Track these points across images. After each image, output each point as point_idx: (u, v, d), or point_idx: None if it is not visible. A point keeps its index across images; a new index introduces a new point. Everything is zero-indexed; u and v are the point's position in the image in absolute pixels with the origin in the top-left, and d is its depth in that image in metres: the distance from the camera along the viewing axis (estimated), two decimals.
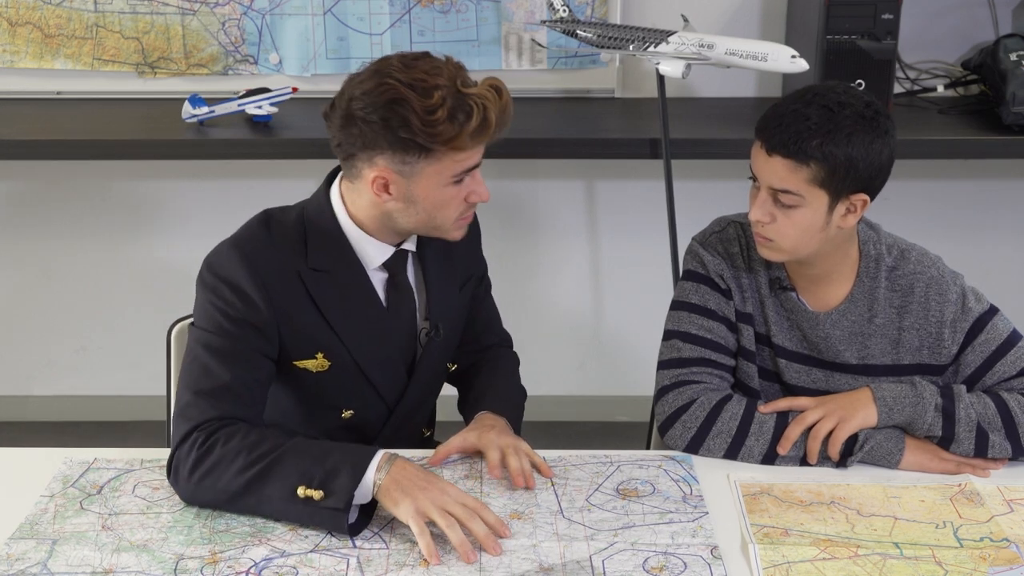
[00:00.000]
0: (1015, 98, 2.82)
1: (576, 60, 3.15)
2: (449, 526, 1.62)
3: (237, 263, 1.79)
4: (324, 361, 1.87)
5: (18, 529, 1.69)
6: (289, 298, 1.81)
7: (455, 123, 1.70)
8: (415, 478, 1.66)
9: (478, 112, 1.71)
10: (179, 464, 1.73)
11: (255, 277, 1.79)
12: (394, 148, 1.73)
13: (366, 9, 3.09)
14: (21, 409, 3.65)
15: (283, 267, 1.81)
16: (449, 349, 2.05)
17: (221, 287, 1.79)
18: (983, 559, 1.64)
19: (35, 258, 3.47)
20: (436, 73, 1.71)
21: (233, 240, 1.84)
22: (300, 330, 1.84)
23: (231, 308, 1.78)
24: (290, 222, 1.86)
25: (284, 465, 1.67)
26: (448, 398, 2.16)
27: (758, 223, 1.85)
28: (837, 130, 1.76)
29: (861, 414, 1.86)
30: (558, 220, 3.41)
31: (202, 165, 3.25)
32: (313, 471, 1.65)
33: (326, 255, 1.84)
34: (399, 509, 1.64)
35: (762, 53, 2.58)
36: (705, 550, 1.66)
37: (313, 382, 1.89)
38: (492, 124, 1.74)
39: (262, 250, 1.81)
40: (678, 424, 1.91)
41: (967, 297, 1.92)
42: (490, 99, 1.73)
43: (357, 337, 1.87)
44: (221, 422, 1.74)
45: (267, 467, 1.67)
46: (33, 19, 3.10)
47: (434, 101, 1.69)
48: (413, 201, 1.78)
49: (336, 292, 1.85)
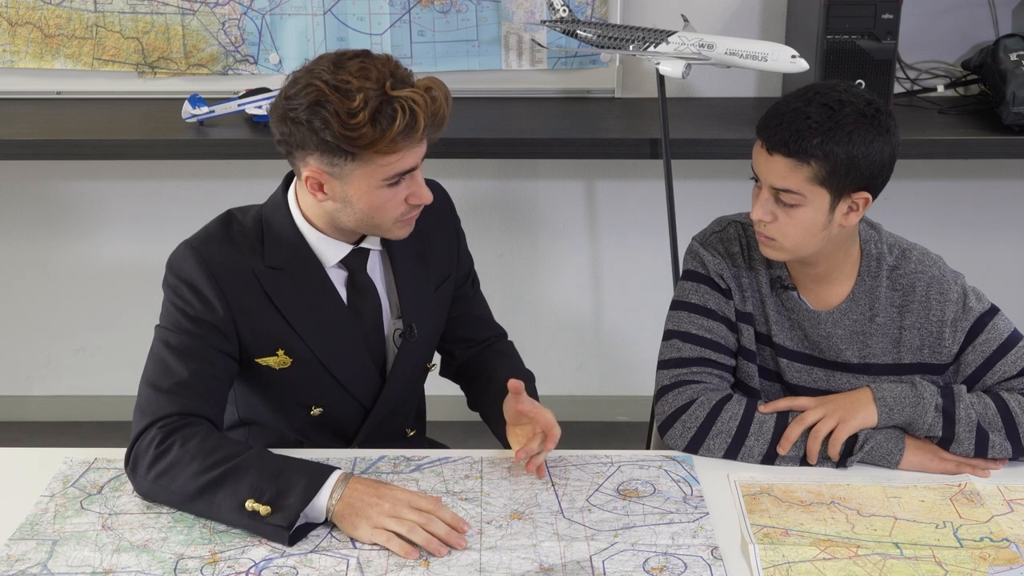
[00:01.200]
0: (1015, 98, 2.82)
1: (576, 60, 3.15)
2: (410, 531, 1.63)
3: (192, 262, 1.81)
4: (285, 358, 1.88)
5: (18, 529, 1.69)
6: (245, 296, 1.83)
7: (377, 127, 1.67)
8: (367, 496, 1.67)
9: (403, 115, 1.67)
10: (137, 459, 1.74)
11: (210, 276, 1.81)
12: (321, 150, 1.72)
13: (366, 9, 3.09)
14: (21, 409, 3.65)
15: (239, 265, 1.83)
16: (426, 349, 2.05)
17: (180, 286, 1.82)
18: (983, 559, 1.64)
19: (35, 258, 3.47)
20: (363, 74, 1.68)
21: (190, 240, 1.86)
22: (258, 327, 1.85)
23: (189, 307, 1.81)
24: (249, 221, 1.87)
25: (238, 476, 1.67)
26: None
27: (760, 222, 1.85)
28: (838, 128, 1.76)
29: (861, 414, 1.86)
30: (558, 220, 3.41)
31: (202, 165, 3.25)
32: (265, 486, 1.66)
33: (282, 253, 1.85)
34: (358, 532, 1.65)
35: (762, 53, 2.58)
36: (705, 550, 1.66)
37: (278, 379, 1.90)
38: (420, 127, 1.70)
39: (217, 249, 1.83)
40: (678, 424, 1.91)
41: (968, 297, 1.92)
42: (419, 101, 1.68)
43: (317, 333, 1.88)
44: (181, 419, 1.75)
45: (221, 475, 1.68)
46: (33, 19, 3.10)
47: (355, 104, 1.66)
48: (348, 202, 1.78)
49: (293, 289, 1.85)
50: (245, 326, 1.84)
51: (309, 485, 1.66)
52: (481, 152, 2.93)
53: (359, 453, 1.90)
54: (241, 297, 1.83)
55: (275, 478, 1.66)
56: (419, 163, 1.77)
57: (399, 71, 1.71)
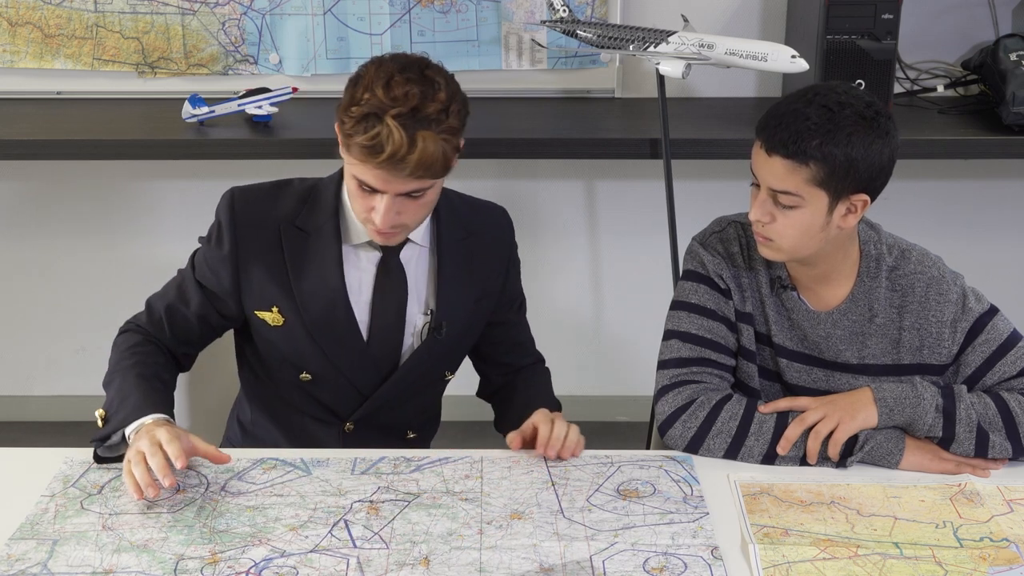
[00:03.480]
0: (1015, 98, 2.82)
1: (576, 60, 3.15)
2: (133, 462, 1.73)
3: (225, 203, 1.97)
4: (279, 316, 1.96)
5: (19, 529, 1.69)
6: (261, 246, 1.94)
7: (356, 128, 1.74)
8: (145, 433, 1.76)
9: (375, 136, 1.72)
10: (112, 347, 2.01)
11: (232, 217, 1.94)
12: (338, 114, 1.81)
13: (366, 9, 3.09)
14: (21, 409, 3.65)
15: (267, 217, 1.95)
16: (449, 356, 2.06)
17: (213, 224, 1.99)
18: (983, 559, 1.64)
19: (35, 258, 3.47)
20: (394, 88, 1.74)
21: (237, 186, 1.99)
22: (262, 279, 1.95)
23: (207, 246, 1.99)
24: (304, 187, 1.98)
25: (111, 387, 1.89)
26: (445, 398, 2.17)
27: (758, 223, 1.85)
28: (837, 130, 1.76)
29: (861, 415, 1.86)
30: (558, 220, 3.41)
31: (202, 165, 3.25)
32: (115, 403, 1.85)
33: (315, 219, 1.94)
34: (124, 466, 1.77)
35: (762, 53, 2.58)
36: (705, 550, 1.66)
37: (274, 336, 1.98)
38: (380, 157, 1.73)
39: (253, 197, 1.97)
40: (678, 424, 1.91)
41: (967, 297, 1.92)
42: (396, 139, 1.72)
43: (309, 302, 1.94)
44: (137, 328, 2.01)
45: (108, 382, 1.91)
46: (33, 19, 3.10)
47: (362, 97, 1.75)
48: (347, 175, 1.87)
49: (307, 254, 1.94)
50: (248, 275, 1.95)
51: (127, 416, 1.81)
52: (481, 152, 2.93)
53: (359, 453, 1.90)
54: (256, 246, 1.94)
55: (122, 399, 1.84)
56: (388, 192, 1.79)
57: (428, 109, 1.74)
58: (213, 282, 1.97)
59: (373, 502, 1.76)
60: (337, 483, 1.81)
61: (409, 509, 1.74)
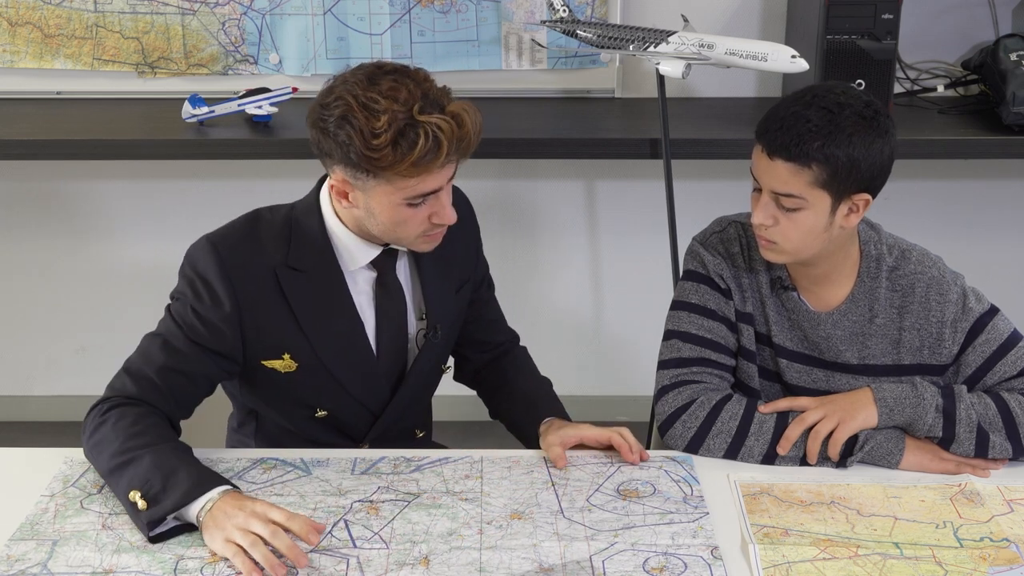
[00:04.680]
0: (1015, 98, 2.82)
1: (576, 60, 3.15)
2: (252, 545, 1.59)
3: (209, 258, 1.82)
4: (291, 362, 1.88)
5: (19, 529, 1.69)
6: (259, 295, 1.83)
7: (398, 150, 1.66)
8: (228, 508, 1.64)
9: (425, 141, 1.66)
10: (86, 426, 1.81)
11: (224, 273, 1.81)
12: (345, 163, 1.72)
13: (366, 9, 3.09)
14: (21, 409, 3.65)
15: (258, 264, 1.83)
16: (443, 351, 2.05)
17: (194, 279, 1.83)
18: (983, 559, 1.64)
19: (35, 258, 3.47)
20: (393, 94, 1.66)
21: (211, 235, 1.87)
22: (267, 328, 1.85)
23: (197, 302, 1.82)
24: (278, 220, 1.87)
25: (138, 465, 1.69)
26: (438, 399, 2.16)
27: (761, 226, 1.84)
28: (838, 131, 1.76)
29: (862, 415, 1.86)
30: (558, 220, 3.41)
31: (202, 165, 3.25)
32: (154, 481, 1.66)
33: (306, 255, 1.85)
34: (214, 545, 1.63)
35: (762, 53, 2.58)
36: (705, 550, 1.66)
37: (283, 381, 1.90)
38: (443, 153, 1.68)
39: (238, 246, 1.84)
40: (678, 424, 1.91)
41: (968, 297, 1.92)
42: (444, 128, 1.67)
43: (326, 339, 1.87)
44: (128, 400, 1.79)
45: (127, 461, 1.70)
46: (33, 19, 3.10)
47: (380, 125, 1.65)
48: (372, 213, 1.78)
49: (310, 292, 1.85)
50: (253, 326, 1.84)
51: (188, 492, 1.65)
52: (481, 152, 2.88)
53: (360, 453, 1.90)
54: (254, 296, 1.83)
55: (166, 476, 1.67)
56: (443, 185, 1.76)
57: (432, 92, 1.70)
58: (212, 341, 1.83)
59: (373, 502, 1.76)
60: (337, 483, 1.81)
61: (409, 509, 1.74)
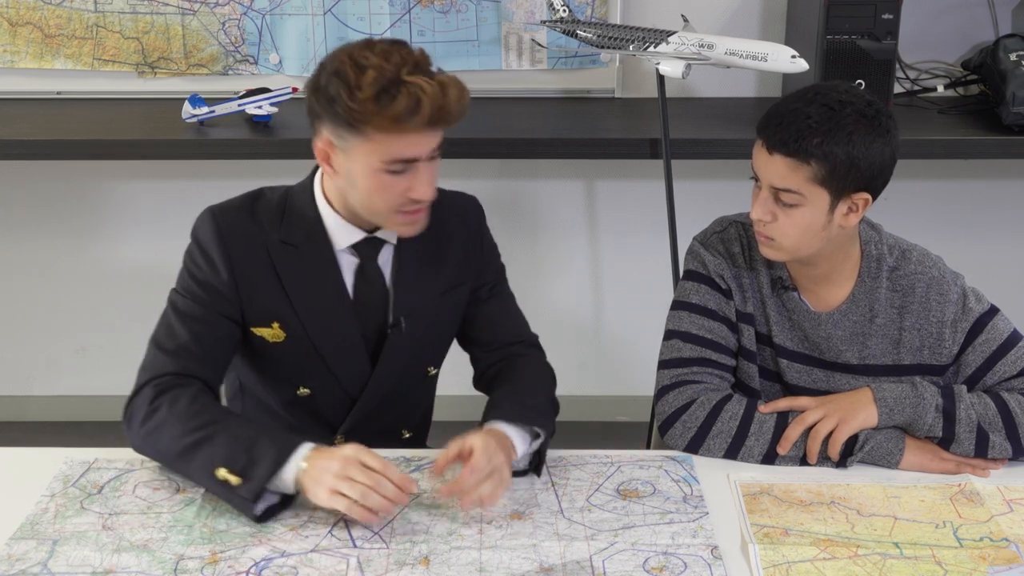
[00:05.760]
0: (1015, 98, 2.82)
1: (576, 60, 3.15)
2: (363, 496, 1.64)
3: (208, 227, 1.88)
4: (279, 331, 1.91)
5: (19, 529, 1.69)
6: (253, 266, 1.88)
7: (379, 103, 1.69)
8: (323, 462, 1.68)
9: (407, 98, 1.69)
10: (132, 415, 1.81)
11: (221, 241, 1.87)
12: (331, 120, 1.75)
13: (366, 9, 3.09)
14: (21, 409, 3.65)
15: (252, 236, 1.89)
16: (423, 351, 2.03)
17: (194, 249, 1.90)
18: (983, 559, 1.64)
19: (35, 258, 3.47)
20: (385, 56, 1.71)
21: (213, 206, 1.92)
22: (259, 298, 1.89)
23: (198, 270, 1.89)
24: (276, 198, 1.93)
25: (214, 443, 1.72)
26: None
27: (759, 222, 1.85)
28: (838, 129, 1.76)
29: (862, 415, 1.86)
30: (558, 220, 3.41)
31: (202, 165, 3.25)
32: (237, 456, 1.69)
33: (298, 231, 1.90)
34: (319, 499, 1.67)
35: (762, 53, 2.58)
36: (705, 550, 1.66)
37: (270, 352, 1.93)
38: (424, 114, 1.70)
39: (235, 217, 1.90)
40: (678, 424, 1.91)
41: (968, 297, 1.92)
42: (427, 89, 1.69)
43: (313, 312, 1.91)
44: (175, 378, 1.81)
45: (199, 440, 1.73)
46: (33, 19, 3.10)
47: (366, 79, 1.69)
48: (352, 180, 1.80)
49: (300, 267, 1.89)
50: (247, 294, 1.89)
51: (278, 457, 1.69)
52: (481, 152, 2.93)
53: None
54: (248, 266, 1.88)
55: (248, 448, 1.70)
56: (423, 156, 1.77)
57: (423, 62, 1.74)
58: (217, 303, 1.88)
59: None
60: None
61: (409, 509, 1.74)
